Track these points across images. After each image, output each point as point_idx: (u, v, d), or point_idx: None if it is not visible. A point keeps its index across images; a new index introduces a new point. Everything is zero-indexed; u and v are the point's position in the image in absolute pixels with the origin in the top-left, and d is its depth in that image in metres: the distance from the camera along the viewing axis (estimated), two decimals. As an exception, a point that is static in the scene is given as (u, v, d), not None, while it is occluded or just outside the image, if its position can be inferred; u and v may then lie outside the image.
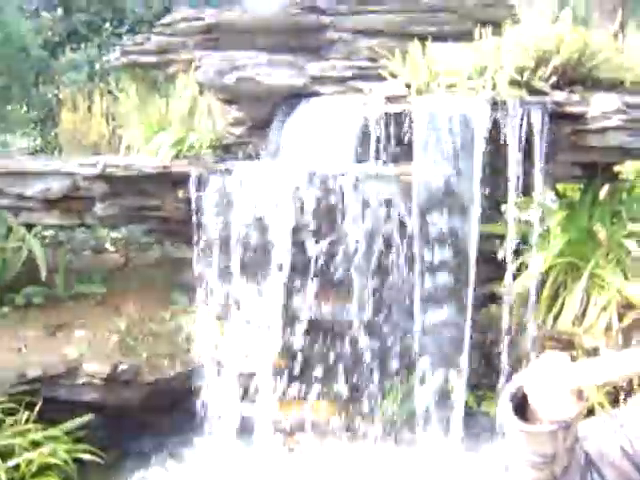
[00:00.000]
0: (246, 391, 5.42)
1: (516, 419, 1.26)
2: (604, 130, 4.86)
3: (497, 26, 5.37)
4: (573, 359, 1.31)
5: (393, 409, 5.25)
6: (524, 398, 1.27)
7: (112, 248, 6.93)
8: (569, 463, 1.29)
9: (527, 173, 4.80)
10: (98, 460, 4.87)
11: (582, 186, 5.55)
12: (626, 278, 4.99)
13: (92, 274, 6.34)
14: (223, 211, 5.13)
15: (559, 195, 5.72)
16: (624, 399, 4.77)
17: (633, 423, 1.33)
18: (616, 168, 5.67)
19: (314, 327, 5.26)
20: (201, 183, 5.28)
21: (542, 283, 5.21)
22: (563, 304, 5.19)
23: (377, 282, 5.02)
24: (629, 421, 1.34)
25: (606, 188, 5.34)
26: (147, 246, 6.90)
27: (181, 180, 5.47)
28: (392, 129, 4.93)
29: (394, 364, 5.20)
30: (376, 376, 5.20)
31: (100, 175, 5.65)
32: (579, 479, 1.31)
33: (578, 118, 4.90)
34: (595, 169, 5.31)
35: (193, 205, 5.33)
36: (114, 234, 7.05)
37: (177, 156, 5.64)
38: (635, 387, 4.75)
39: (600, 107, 4.85)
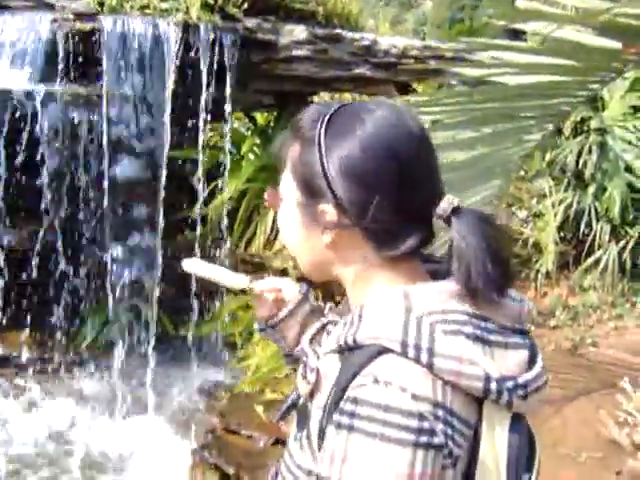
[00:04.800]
0: None
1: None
2: (293, 59, 5.02)
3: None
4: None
5: (89, 337, 5.17)
6: None
7: None
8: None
9: (219, 99, 4.83)
10: None
11: (275, 114, 5.71)
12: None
13: None
14: None
15: (253, 122, 5.84)
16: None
17: None
18: (310, 98, 5.90)
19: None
20: None
21: (236, 209, 5.33)
22: (257, 229, 5.36)
23: (70, 207, 4.82)
24: None
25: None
26: None
27: None
28: (82, 48, 4.68)
29: (88, 292, 5.08)
30: (70, 305, 5.06)
31: None
32: None
33: (269, 46, 4.99)
34: (287, 98, 5.48)
35: None
36: None
37: None
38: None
39: (290, 37, 4.98)
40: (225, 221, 5.13)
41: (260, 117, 5.99)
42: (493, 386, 1.02)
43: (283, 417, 1.28)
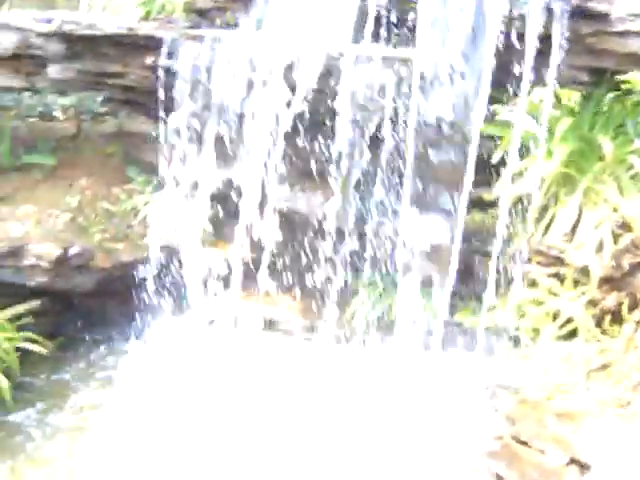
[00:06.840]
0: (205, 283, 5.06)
1: None
2: (626, 34, 4.45)
3: None
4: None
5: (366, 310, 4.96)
6: None
7: (62, 116, 6.26)
8: None
9: (538, 73, 4.38)
10: (42, 350, 4.53)
11: (584, 93, 5.15)
12: (623, 196, 4.68)
13: (39, 143, 5.74)
14: (197, 84, 4.59)
15: (559, 100, 5.32)
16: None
17: None
18: (622, 77, 5.28)
19: (287, 217, 4.87)
20: (174, 50, 4.70)
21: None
22: (553, 217, 4.87)
23: (365, 175, 4.61)
24: None
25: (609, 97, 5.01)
26: (100, 116, 6.27)
27: (149, 45, 4.88)
28: (395, 7, 4.40)
29: (372, 265, 4.87)
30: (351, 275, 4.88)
31: (56, 33, 5.03)
32: None
33: (600, 18, 4.45)
34: (602, 76, 4.92)
35: (162, 74, 4.76)
36: (63, 100, 6.36)
37: (145, 18, 5.02)
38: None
39: (626, 8, 4.41)
40: (528, 206, 4.68)
41: (563, 95, 5.44)
42: None
43: None
